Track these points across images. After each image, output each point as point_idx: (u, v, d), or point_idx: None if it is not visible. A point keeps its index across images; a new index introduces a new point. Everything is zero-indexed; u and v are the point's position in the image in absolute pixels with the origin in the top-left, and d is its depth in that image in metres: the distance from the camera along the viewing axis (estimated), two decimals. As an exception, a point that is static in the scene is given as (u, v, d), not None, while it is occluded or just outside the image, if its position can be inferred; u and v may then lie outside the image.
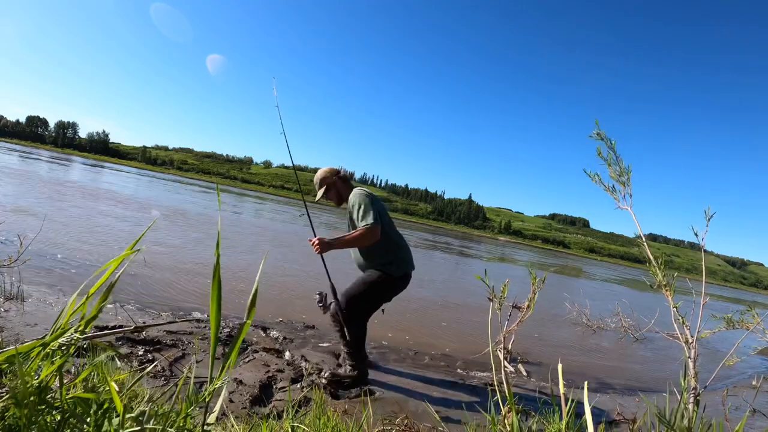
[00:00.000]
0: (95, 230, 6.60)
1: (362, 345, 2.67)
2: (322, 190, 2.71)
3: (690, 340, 1.23)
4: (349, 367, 2.61)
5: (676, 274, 1.22)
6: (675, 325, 1.27)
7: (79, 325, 0.71)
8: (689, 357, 1.25)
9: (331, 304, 2.62)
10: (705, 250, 1.23)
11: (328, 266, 2.71)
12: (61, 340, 0.67)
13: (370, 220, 2.45)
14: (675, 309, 1.21)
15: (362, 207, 2.50)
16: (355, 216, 2.53)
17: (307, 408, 2.14)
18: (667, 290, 1.19)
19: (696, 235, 1.21)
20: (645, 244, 1.25)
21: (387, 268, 2.59)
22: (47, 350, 0.68)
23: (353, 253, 2.75)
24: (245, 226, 12.58)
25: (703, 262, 1.34)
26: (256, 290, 0.72)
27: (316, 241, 2.46)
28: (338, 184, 2.70)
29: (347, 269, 3.03)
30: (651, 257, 1.19)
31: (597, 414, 2.76)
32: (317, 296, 2.65)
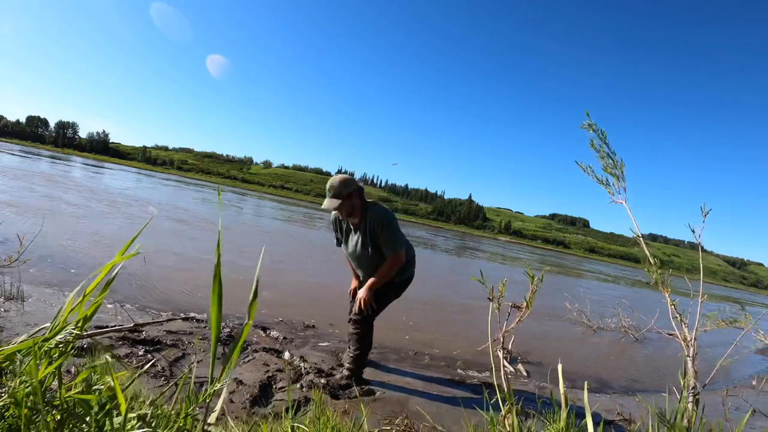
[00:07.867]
0: (95, 229, 6.60)
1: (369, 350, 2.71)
2: (338, 202, 2.36)
3: (688, 338, 1.24)
4: (347, 372, 2.62)
5: (671, 271, 1.22)
6: (673, 323, 1.28)
7: (77, 321, 0.71)
8: (688, 355, 1.25)
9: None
10: (703, 248, 1.23)
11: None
12: (58, 337, 0.67)
13: (402, 248, 2.46)
14: (673, 306, 1.22)
15: (395, 233, 2.45)
16: (385, 239, 2.44)
17: (306, 408, 2.14)
18: (663, 288, 1.19)
19: (693, 232, 1.21)
20: (641, 238, 1.25)
21: (399, 276, 2.64)
22: (45, 347, 0.68)
23: (362, 272, 2.67)
24: (246, 226, 12.59)
25: (700, 259, 1.34)
26: (257, 287, 0.72)
27: (365, 297, 2.43)
28: (357, 196, 2.49)
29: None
30: (648, 253, 1.20)
31: (597, 414, 2.76)
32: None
